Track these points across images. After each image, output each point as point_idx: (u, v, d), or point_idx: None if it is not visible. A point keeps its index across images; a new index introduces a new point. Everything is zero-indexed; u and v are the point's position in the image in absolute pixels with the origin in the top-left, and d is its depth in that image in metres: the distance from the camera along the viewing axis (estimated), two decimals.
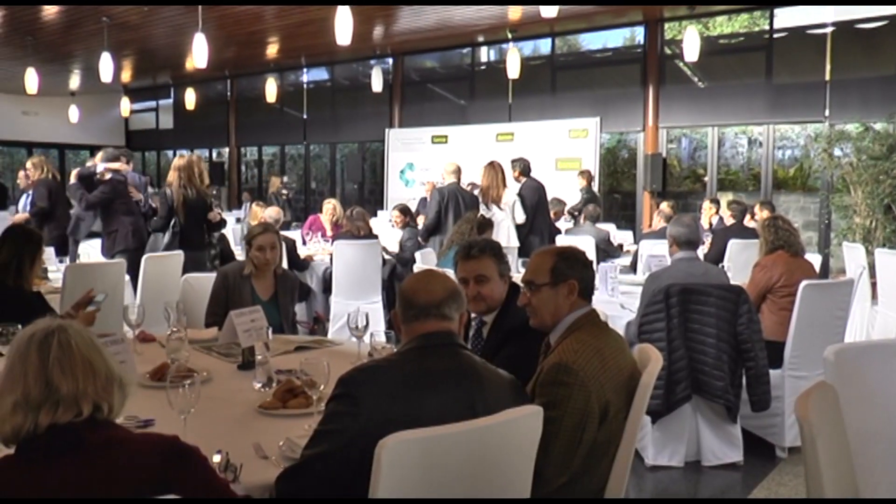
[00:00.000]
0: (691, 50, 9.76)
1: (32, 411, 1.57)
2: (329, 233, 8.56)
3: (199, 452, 1.70)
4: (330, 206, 8.93)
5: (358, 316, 3.25)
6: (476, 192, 8.11)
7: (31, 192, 7.67)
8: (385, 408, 1.94)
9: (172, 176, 6.49)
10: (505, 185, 7.98)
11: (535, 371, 2.48)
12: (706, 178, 12.22)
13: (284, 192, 11.39)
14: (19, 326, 2.92)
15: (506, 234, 7.71)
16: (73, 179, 6.90)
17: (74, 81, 16.51)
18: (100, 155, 7.08)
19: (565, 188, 10.97)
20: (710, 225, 9.36)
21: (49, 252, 6.28)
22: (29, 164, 7.86)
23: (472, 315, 3.07)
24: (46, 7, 10.56)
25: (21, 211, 7.79)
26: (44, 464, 1.55)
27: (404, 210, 8.12)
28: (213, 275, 4.43)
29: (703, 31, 11.70)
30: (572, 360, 2.32)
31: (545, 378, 2.34)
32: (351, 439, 1.92)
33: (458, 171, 7.98)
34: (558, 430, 2.23)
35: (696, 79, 12.23)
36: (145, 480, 1.58)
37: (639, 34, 12.55)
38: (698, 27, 10.64)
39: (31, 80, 12.13)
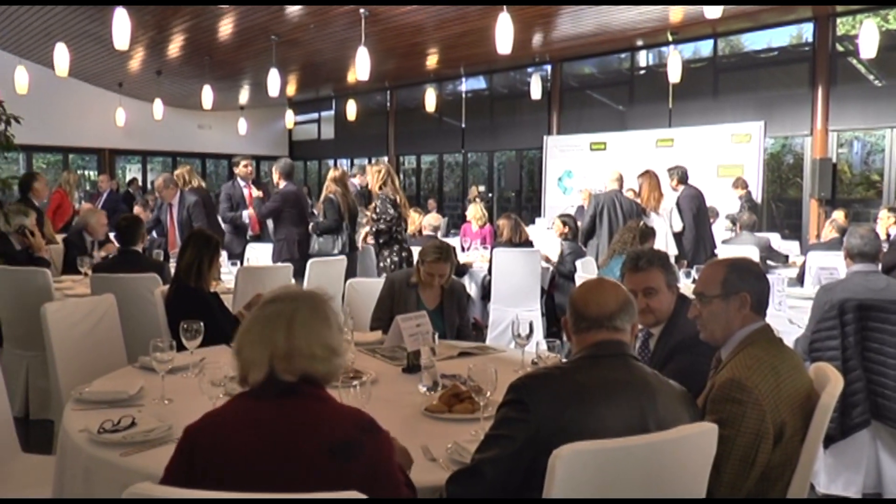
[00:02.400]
0: (868, 45, 9.12)
1: (269, 363, 1.85)
2: (474, 230, 8.71)
3: (389, 436, 1.85)
4: (475, 211, 9.07)
5: (522, 324, 3.27)
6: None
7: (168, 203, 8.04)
8: (556, 416, 1.96)
9: (332, 186, 6.89)
10: (661, 193, 7.82)
11: (705, 387, 2.42)
12: (881, 185, 11.42)
13: (478, 200, 11.57)
14: (202, 324, 3.16)
15: (663, 243, 7.54)
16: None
17: (243, 96, 17.58)
18: (275, 166, 7.49)
19: (727, 196, 10.56)
20: (888, 236, 8.73)
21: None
22: (159, 182, 8.07)
23: (639, 327, 3.03)
24: (223, 29, 11.31)
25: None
26: (268, 401, 1.84)
27: (566, 221, 8.08)
28: (376, 280, 4.56)
29: (881, 24, 10.94)
30: (746, 377, 2.24)
31: (717, 395, 2.27)
32: (522, 445, 1.95)
33: (620, 179, 7.89)
34: (730, 449, 2.17)
35: (871, 77, 11.46)
36: (339, 437, 1.77)
37: (807, 31, 11.93)
38: (876, 20, 9.96)
39: (207, 96, 13.06)
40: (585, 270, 6.41)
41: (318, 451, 1.75)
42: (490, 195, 14.91)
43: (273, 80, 11.19)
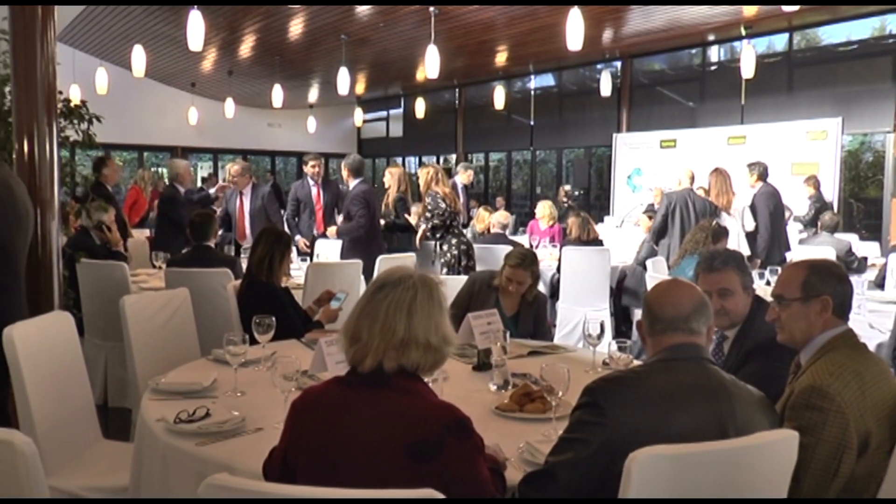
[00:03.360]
0: None
1: (384, 350, 1.85)
2: (542, 228, 8.65)
3: (480, 438, 1.84)
4: (544, 209, 9.02)
5: (593, 324, 3.23)
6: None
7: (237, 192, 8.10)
8: (632, 420, 1.92)
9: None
10: (733, 192, 7.63)
11: (782, 392, 2.35)
12: None
13: (565, 199, 11.51)
14: (274, 318, 3.20)
15: (735, 243, 7.36)
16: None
17: (313, 95, 17.81)
18: (344, 163, 7.52)
19: (801, 195, 10.25)
20: None
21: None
22: (236, 168, 8.14)
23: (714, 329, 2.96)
24: (293, 29, 11.48)
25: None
26: (359, 388, 1.86)
27: (652, 215, 7.98)
28: (444, 277, 4.56)
29: None
30: (828, 384, 2.15)
31: (797, 401, 2.19)
32: (596, 450, 1.92)
33: (692, 177, 7.73)
34: (811, 458, 2.09)
35: None
36: (426, 431, 1.76)
37: (890, 23, 11.50)
38: None
39: (277, 95, 13.27)
40: (656, 270, 6.31)
41: (396, 447, 1.75)
42: (578, 193, 14.71)
43: (343, 78, 11.30)
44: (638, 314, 7.08)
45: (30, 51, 4.04)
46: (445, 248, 6.85)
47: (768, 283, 5.90)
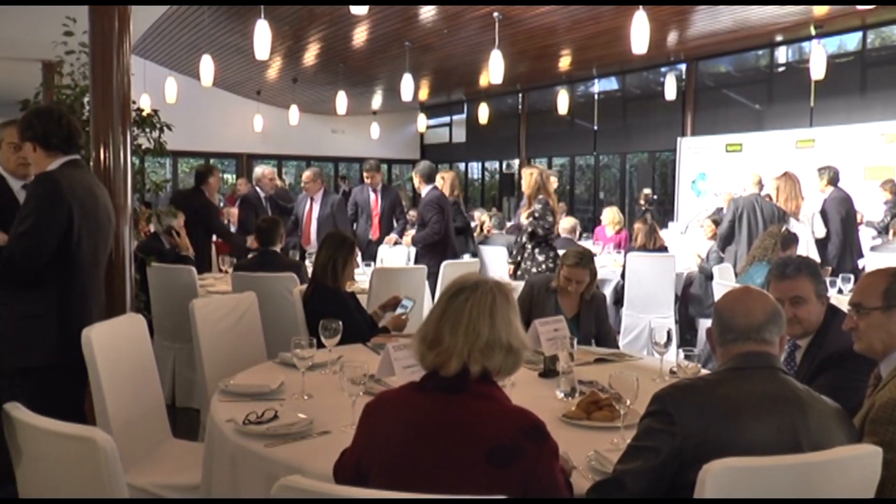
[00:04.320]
0: None
1: (468, 354, 1.84)
2: (608, 235, 8.55)
3: (555, 443, 1.82)
4: (611, 215, 8.92)
5: (659, 331, 3.18)
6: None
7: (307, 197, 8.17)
8: (702, 429, 1.88)
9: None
10: (802, 196, 7.42)
11: (859, 405, 2.27)
12: None
13: (643, 203, 11.38)
14: (340, 322, 3.23)
15: (804, 250, 7.16)
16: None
17: (376, 101, 17.96)
18: (415, 170, 7.50)
19: (874, 200, 9.91)
20: None
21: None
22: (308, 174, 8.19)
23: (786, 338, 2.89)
24: (357, 37, 11.60)
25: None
26: (436, 394, 1.85)
27: (717, 221, 7.83)
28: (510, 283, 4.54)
29: None
30: None
31: (878, 415, 2.10)
32: (666, 458, 1.89)
33: (760, 182, 7.56)
34: (894, 476, 1.99)
35: None
36: (505, 437, 1.75)
37: None
38: None
39: (341, 101, 13.43)
40: (723, 277, 6.18)
41: (475, 453, 1.74)
42: (655, 197, 14.48)
43: (406, 85, 11.36)
44: (702, 325, 6.95)
45: (107, 63, 4.18)
46: (541, 258, 6.53)
47: (840, 292, 5.74)
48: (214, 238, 7.82)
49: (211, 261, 7.46)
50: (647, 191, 11.86)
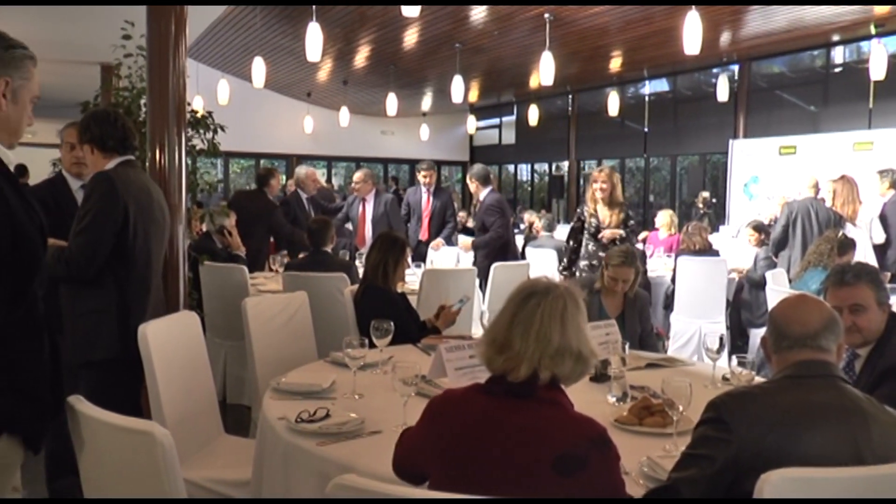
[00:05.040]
0: None
1: (539, 360, 1.83)
2: (661, 238, 8.45)
3: (617, 450, 1.80)
4: (665, 218, 8.81)
5: (712, 337, 3.14)
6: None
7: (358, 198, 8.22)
8: (759, 438, 1.85)
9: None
10: (860, 201, 7.24)
11: None
12: None
13: (701, 206, 11.24)
14: (391, 323, 3.25)
15: (862, 255, 6.99)
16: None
17: (426, 103, 18.02)
18: (470, 174, 7.49)
19: None
20: None
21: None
22: (359, 175, 8.26)
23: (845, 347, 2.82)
24: (407, 39, 11.65)
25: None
26: (503, 398, 1.83)
27: (758, 227, 7.67)
28: None
29: None
30: None
31: None
32: (721, 467, 1.86)
33: (816, 186, 7.40)
34: None
35: None
36: (572, 445, 1.74)
37: None
38: None
39: (391, 103, 13.49)
40: (776, 283, 6.06)
41: (541, 460, 1.73)
42: (714, 200, 14.27)
43: (456, 87, 11.38)
44: (754, 333, 6.83)
45: (163, 66, 4.27)
46: (596, 263, 5.97)
47: None
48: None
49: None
50: (705, 194, 11.66)
